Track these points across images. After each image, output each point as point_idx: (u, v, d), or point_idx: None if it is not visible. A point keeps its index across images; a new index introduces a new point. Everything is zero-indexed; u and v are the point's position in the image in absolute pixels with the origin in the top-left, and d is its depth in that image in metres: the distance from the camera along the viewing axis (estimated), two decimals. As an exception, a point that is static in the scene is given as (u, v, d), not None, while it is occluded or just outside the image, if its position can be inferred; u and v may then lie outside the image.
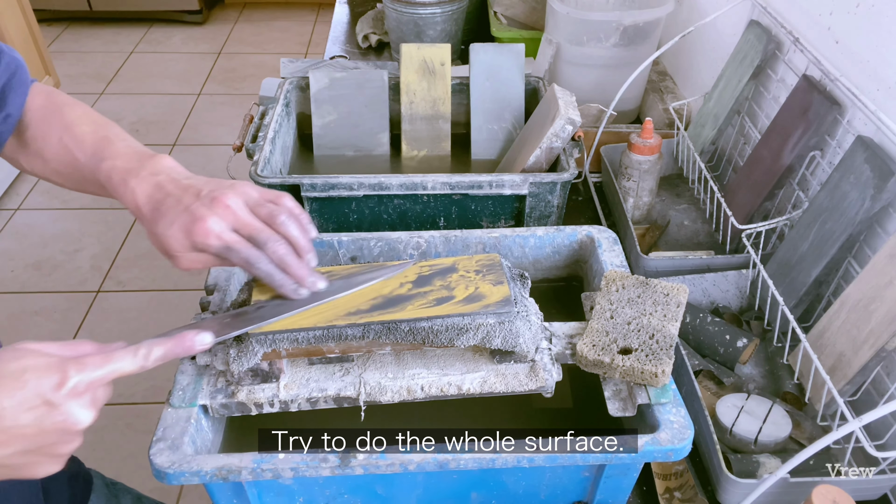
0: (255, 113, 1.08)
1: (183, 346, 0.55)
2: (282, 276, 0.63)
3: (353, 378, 0.66)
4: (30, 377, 0.48)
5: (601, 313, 0.70)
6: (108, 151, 0.66)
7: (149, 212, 0.62)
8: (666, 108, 1.29)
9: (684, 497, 0.76)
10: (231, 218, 0.61)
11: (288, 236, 0.63)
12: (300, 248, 0.64)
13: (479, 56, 1.15)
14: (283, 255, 0.62)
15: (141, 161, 0.65)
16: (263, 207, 0.63)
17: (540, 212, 0.98)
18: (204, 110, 3.26)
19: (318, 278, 0.65)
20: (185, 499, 1.78)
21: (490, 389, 0.66)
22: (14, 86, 0.69)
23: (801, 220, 0.89)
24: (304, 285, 0.64)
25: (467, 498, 0.68)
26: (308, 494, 0.65)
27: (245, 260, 0.61)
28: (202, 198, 0.61)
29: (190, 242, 0.60)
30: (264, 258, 0.62)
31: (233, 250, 0.61)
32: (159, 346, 0.54)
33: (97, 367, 0.50)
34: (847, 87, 0.84)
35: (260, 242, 0.62)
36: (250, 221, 0.62)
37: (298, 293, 0.64)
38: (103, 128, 0.69)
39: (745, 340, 0.86)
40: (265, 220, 0.63)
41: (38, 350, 0.50)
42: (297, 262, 0.63)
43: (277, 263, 0.62)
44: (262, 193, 0.65)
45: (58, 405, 0.48)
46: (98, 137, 0.67)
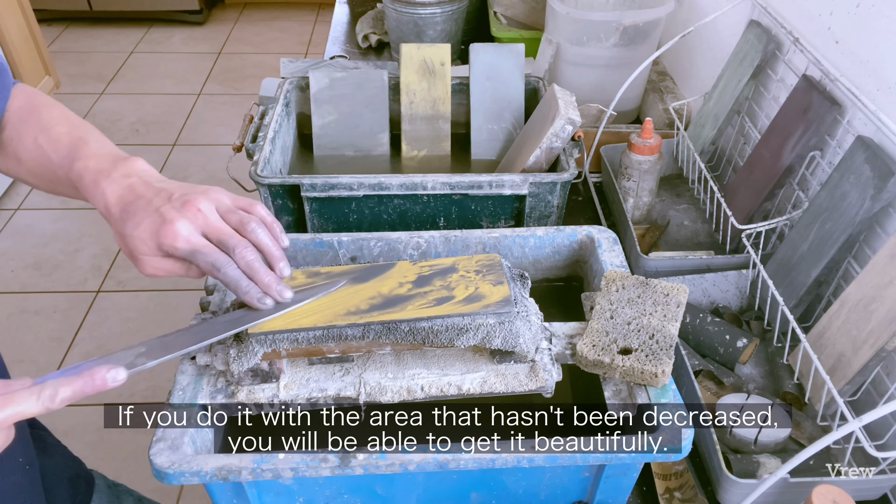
0: (255, 113, 1.08)
1: (93, 384, 0.51)
2: (248, 283, 0.61)
3: (353, 378, 0.66)
4: None
5: (601, 313, 0.70)
6: (82, 152, 0.64)
7: (118, 212, 0.61)
8: (666, 108, 1.29)
9: (684, 497, 0.76)
10: (201, 222, 0.60)
11: (258, 243, 0.62)
12: (271, 256, 0.63)
13: (479, 56, 1.15)
14: (250, 261, 0.61)
15: (114, 163, 0.63)
16: (234, 214, 0.62)
17: (540, 212, 0.98)
18: (204, 110, 3.26)
19: (284, 288, 0.63)
20: (185, 499, 1.78)
21: (490, 389, 0.66)
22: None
23: (801, 220, 0.89)
24: (271, 294, 0.62)
25: (467, 498, 0.68)
26: (308, 494, 0.65)
27: (211, 264, 0.60)
28: (173, 201, 0.60)
29: (156, 244, 0.59)
30: (231, 264, 0.60)
31: (199, 254, 0.60)
32: (66, 387, 0.50)
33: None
34: (847, 87, 0.84)
35: (228, 248, 0.60)
36: (220, 226, 0.61)
37: (264, 302, 0.62)
38: (79, 129, 0.68)
39: (745, 340, 0.86)
40: (236, 227, 0.62)
41: None
42: (264, 270, 0.62)
43: (245, 270, 0.61)
44: (234, 200, 0.64)
45: None
46: (73, 138, 0.66)
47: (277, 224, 0.65)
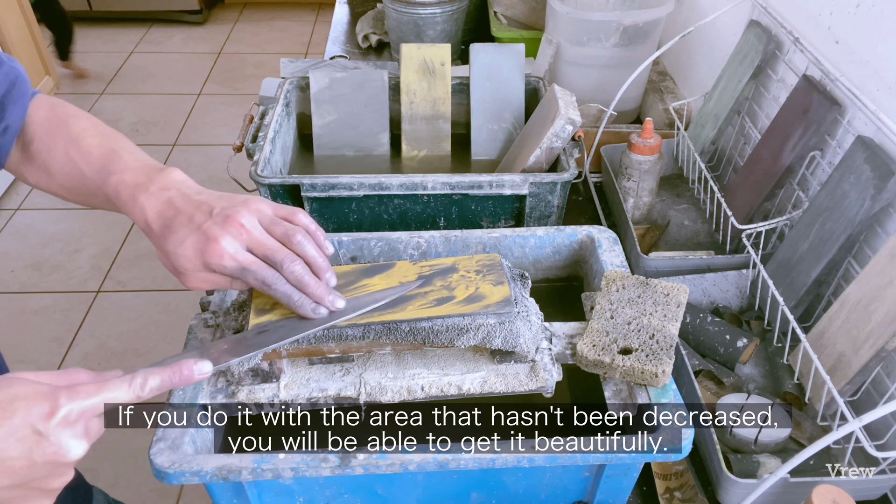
0: (255, 113, 1.08)
1: (181, 375, 0.53)
2: (300, 297, 0.61)
3: (354, 378, 0.66)
4: (18, 406, 0.45)
5: (601, 313, 0.70)
6: (116, 165, 0.64)
7: (158, 228, 0.60)
8: (666, 108, 1.29)
9: (684, 497, 0.76)
10: (245, 237, 0.59)
11: (305, 256, 0.61)
12: (317, 267, 0.62)
13: (479, 56, 1.15)
14: (300, 275, 0.60)
15: (150, 175, 0.63)
16: (279, 226, 0.61)
17: (540, 212, 0.98)
18: (204, 110, 3.26)
19: (336, 297, 0.63)
20: (185, 499, 1.78)
21: (490, 389, 0.66)
22: (14, 97, 0.66)
23: (801, 220, 0.89)
24: (324, 304, 0.62)
25: (467, 498, 0.68)
26: (308, 494, 0.65)
27: (262, 281, 0.59)
28: (214, 216, 0.59)
29: (202, 262, 0.59)
30: (281, 279, 0.60)
31: (248, 271, 0.59)
32: (156, 376, 0.52)
33: (90, 395, 0.48)
34: (847, 87, 0.84)
35: (276, 263, 0.60)
36: (265, 241, 0.60)
37: (318, 312, 0.62)
38: (110, 140, 0.67)
39: (745, 340, 0.86)
40: (281, 240, 0.61)
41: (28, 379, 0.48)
42: (315, 282, 0.61)
43: (295, 284, 0.60)
44: (275, 210, 0.63)
45: (48, 436, 0.46)
46: (105, 150, 0.65)
47: (321, 231, 0.64)
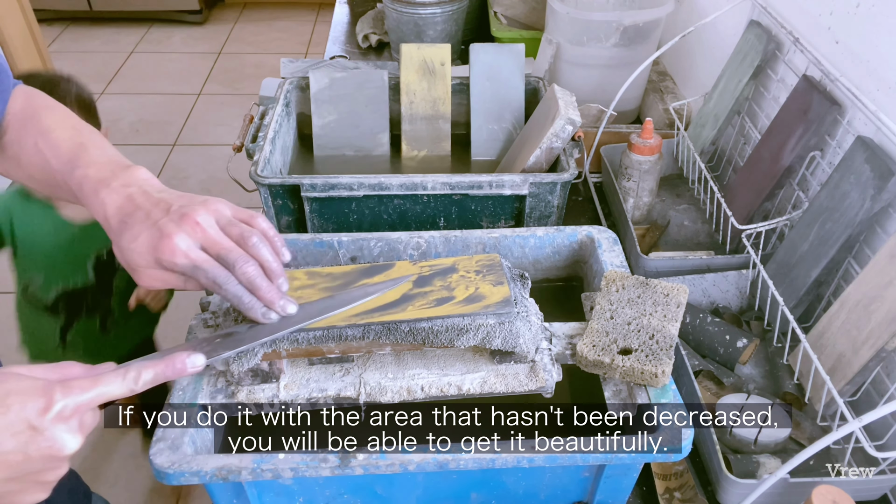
0: (255, 113, 1.08)
1: (174, 368, 0.53)
2: (251, 299, 0.60)
3: (353, 378, 0.66)
4: (13, 401, 0.46)
5: (601, 313, 0.70)
6: (83, 159, 0.63)
7: (116, 224, 0.59)
8: (666, 108, 1.29)
9: (684, 497, 0.76)
10: (200, 235, 0.58)
11: (259, 258, 0.60)
12: (270, 271, 0.61)
13: (479, 56, 1.15)
14: (252, 276, 0.59)
15: (114, 171, 0.61)
16: (235, 227, 0.60)
17: (540, 212, 0.98)
18: (204, 110, 3.26)
19: (288, 302, 0.62)
20: (185, 499, 1.78)
21: (490, 390, 0.66)
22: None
23: (801, 220, 0.89)
24: (274, 309, 0.61)
25: (467, 498, 0.68)
26: (308, 494, 0.65)
27: (212, 280, 0.59)
28: (171, 213, 0.58)
29: (154, 259, 0.58)
30: (232, 279, 0.59)
31: (200, 269, 0.58)
32: (149, 370, 0.52)
33: (84, 390, 0.48)
34: (847, 87, 0.84)
35: (229, 263, 0.59)
36: (219, 240, 0.59)
37: (268, 317, 0.61)
38: (80, 134, 0.66)
39: (745, 341, 0.86)
40: (236, 241, 0.60)
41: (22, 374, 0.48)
42: (267, 285, 0.60)
43: (246, 285, 0.60)
44: (234, 212, 0.62)
45: (43, 430, 0.46)
46: (74, 144, 0.64)
47: (279, 237, 0.63)
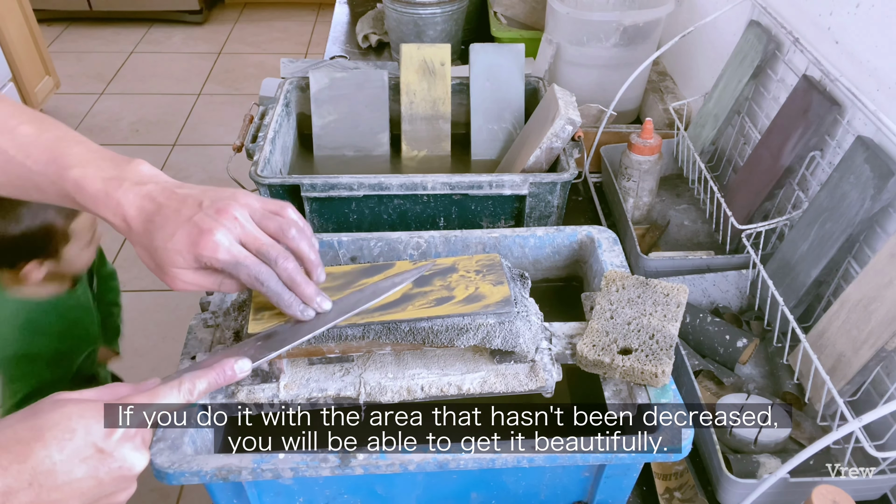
0: (255, 113, 1.08)
1: (225, 375, 0.54)
2: (290, 297, 0.60)
3: (353, 378, 0.66)
4: (77, 426, 0.45)
5: (601, 313, 0.70)
6: (70, 157, 0.57)
7: (140, 224, 0.56)
8: (666, 108, 1.29)
9: (684, 497, 0.76)
10: (239, 231, 0.57)
11: (298, 252, 0.60)
12: (309, 262, 0.61)
13: (479, 56, 1.15)
14: (292, 272, 0.59)
15: (118, 167, 0.58)
16: (271, 221, 0.59)
17: (540, 212, 0.98)
18: (204, 110, 3.26)
19: (324, 298, 0.62)
20: (185, 499, 1.78)
21: (490, 389, 0.66)
22: None
23: (801, 220, 0.89)
24: (312, 305, 0.61)
25: (467, 498, 0.68)
26: (308, 494, 0.65)
27: (255, 277, 0.57)
28: (205, 208, 0.56)
29: (194, 256, 0.56)
30: (274, 276, 0.58)
31: (242, 266, 0.57)
32: (202, 379, 0.52)
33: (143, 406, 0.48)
34: (847, 87, 0.84)
35: (269, 259, 0.58)
36: (259, 236, 0.58)
37: (306, 314, 0.61)
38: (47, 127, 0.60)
39: (744, 340, 0.86)
40: (274, 235, 0.59)
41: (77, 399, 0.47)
42: (305, 281, 0.60)
43: (286, 281, 0.59)
44: (263, 204, 0.61)
45: (111, 452, 0.46)
46: (49, 140, 0.58)
47: (308, 227, 0.63)
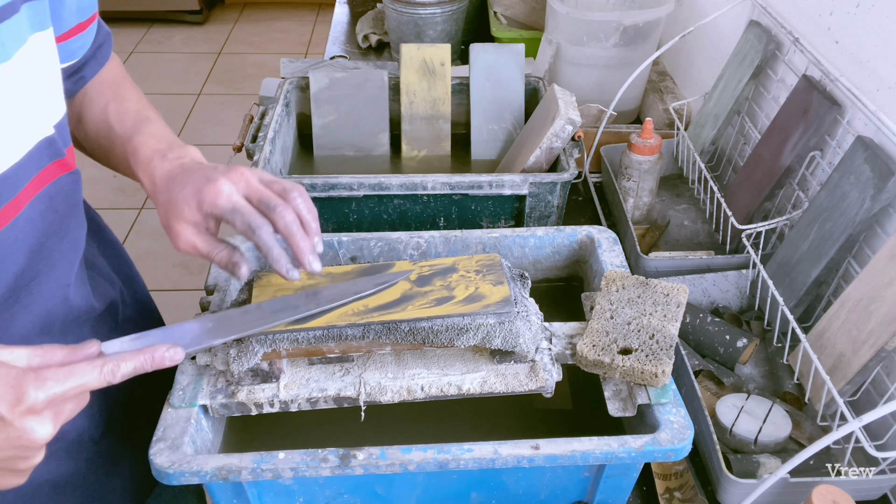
0: (255, 113, 1.08)
1: (153, 361, 0.54)
2: (279, 252, 0.61)
3: (353, 378, 0.66)
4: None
5: (601, 313, 0.70)
6: (145, 130, 0.69)
7: (163, 184, 0.63)
8: (666, 108, 1.29)
9: (684, 497, 0.76)
10: (243, 185, 0.61)
11: (298, 211, 0.62)
12: (307, 224, 0.63)
13: (479, 56, 1.15)
14: (289, 221, 0.61)
15: (171, 146, 0.67)
16: (277, 184, 0.64)
17: (540, 212, 0.98)
18: (204, 110, 3.26)
19: (315, 259, 0.62)
20: (185, 499, 1.77)
21: (490, 389, 0.66)
22: (98, 55, 0.74)
23: (801, 220, 0.89)
24: (303, 260, 0.62)
25: (467, 498, 0.68)
26: (308, 494, 0.65)
27: (248, 224, 0.60)
28: (219, 168, 0.63)
29: (197, 203, 0.60)
30: (268, 226, 0.61)
31: (238, 213, 0.60)
32: (128, 362, 0.52)
33: (58, 382, 0.48)
34: (847, 87, 0.84)
35: (269, 208, 0.61)
36: (262, 189, 0.62)
37: (291, 274, 0.62)
38: (148, 110, 0.74)
39: (745, 340, 0.86)
40: (278, 194, 0.63)
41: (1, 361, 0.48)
42: (301, 234, 0.62)
43: (283, 230, 0.61)
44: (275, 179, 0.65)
45: (11, 422, 0.46)
46: (140, 116, 0.71)
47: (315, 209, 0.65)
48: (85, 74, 0.72)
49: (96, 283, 0.72)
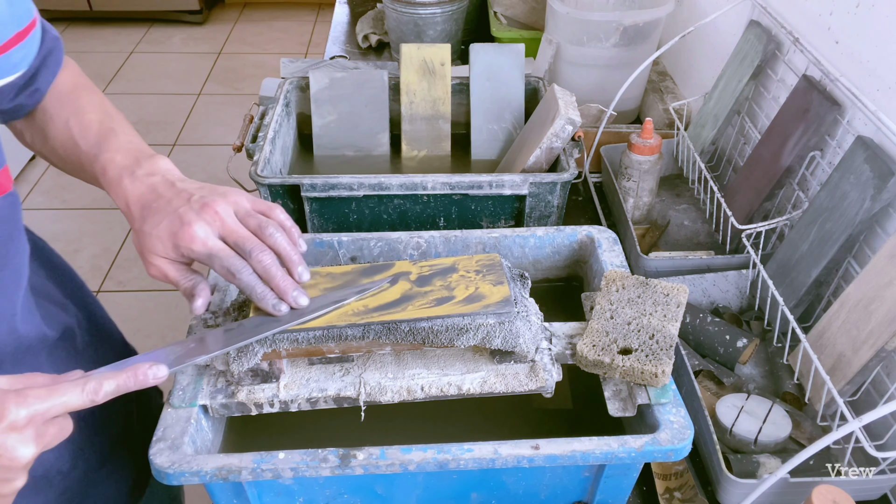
0: (255, 113, 1.08)
1: (136, 380, 0.53)
2: (263, 289, 0.61)
3: (353, 378, 0.66)
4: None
5: (601, 313, 0.70)
6: (110, 144, 0.65)
7: (137, 211, 0.62)
8: (666, 108, 1.29)
9: (684, 497, 0.76)
10: (218, 225, 0.60)
11: (276, 248, 0.61)
12: (289, 260, 0.62)
13: (479, 56, 1.15)
14: (267, 265, 0.60)
15: (138, 159, 0.64)
16: (253, 218, 0.62)
17: (540, 212, 0.98)
18: (204, 110, 3.26)
19: (301, 294, 0.62)
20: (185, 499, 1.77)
21: (490, 390, 0.66)
22: (49, 63, 0.69)
23: (801, 220, 0.89)
24: (286, 300, 0.62)
25: (467, 498, 0.68)
26: (308, 494, 0.65)
27: (227, 269, 0.60)
28: (192, 202, 0.60)
29: (173, 245, 0.59)
30: (247, 268, 0.60)
31: (215, 257, 0.60)
32: (111, 380, 0.51)
33: (40, 400, 0.47)
34: (847, 87, 0.84)
35: (245, 251, 0.60)
36: (237, 229, 0.61)
37: (278, 309, 0.62)
38: (111, 119, 0.69)
39: (745, 340, 0.86)
40: (254, 231, 0.61)
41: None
42: (280, 274, 0.61)
43: (261, 274, 0.61)
44: (253, 204, 0.63)
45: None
46: (103, 129, 0.67)
47: (296, 228, 0.64)
48: (39, 86, 0.68)
49: (47, 311, 0.68)
